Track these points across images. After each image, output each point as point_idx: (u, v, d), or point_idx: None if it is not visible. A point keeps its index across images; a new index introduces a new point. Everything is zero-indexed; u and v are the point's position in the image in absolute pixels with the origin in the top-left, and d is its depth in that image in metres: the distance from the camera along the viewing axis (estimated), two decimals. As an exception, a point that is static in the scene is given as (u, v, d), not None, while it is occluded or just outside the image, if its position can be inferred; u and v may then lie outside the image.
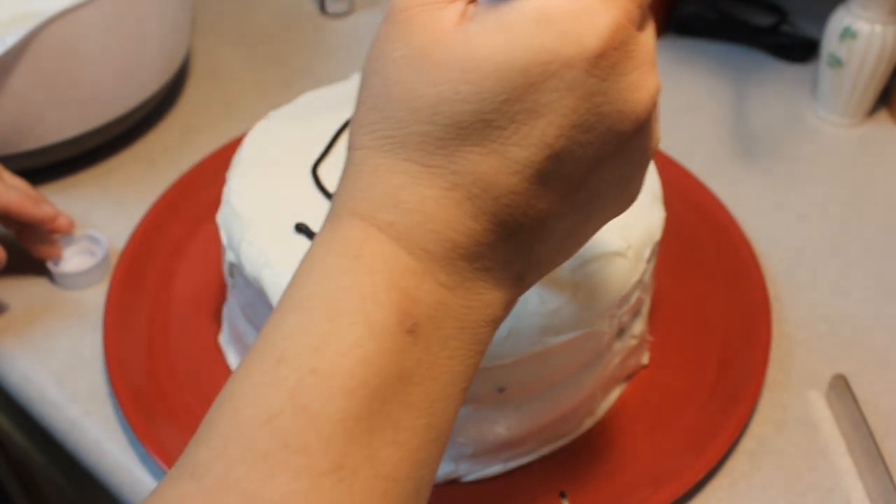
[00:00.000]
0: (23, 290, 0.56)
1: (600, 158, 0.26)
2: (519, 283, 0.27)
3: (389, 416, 0.23)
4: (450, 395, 0.25)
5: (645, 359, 0.50)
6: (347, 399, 0.23)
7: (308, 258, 0.26)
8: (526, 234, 0.26)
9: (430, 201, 0.25)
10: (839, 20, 0.65)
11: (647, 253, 0.44)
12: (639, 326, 0.48)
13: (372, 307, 0.24)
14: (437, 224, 0.25)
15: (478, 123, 0.24)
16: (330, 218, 0.26)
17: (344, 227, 0.25)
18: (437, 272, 0.25)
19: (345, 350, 0.23)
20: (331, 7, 0.82)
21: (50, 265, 0.55)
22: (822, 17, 0.68)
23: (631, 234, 0.43)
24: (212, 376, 0.49)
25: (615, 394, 0.49)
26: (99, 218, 0.61)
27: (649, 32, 0.26)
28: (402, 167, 0.25)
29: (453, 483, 0.45)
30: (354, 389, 0.23)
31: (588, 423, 0.47)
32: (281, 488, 0.22)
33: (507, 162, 0.25)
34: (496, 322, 0.27)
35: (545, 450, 0.46)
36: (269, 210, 0.44)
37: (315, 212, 0.43)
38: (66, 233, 0.55)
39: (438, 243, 0.25)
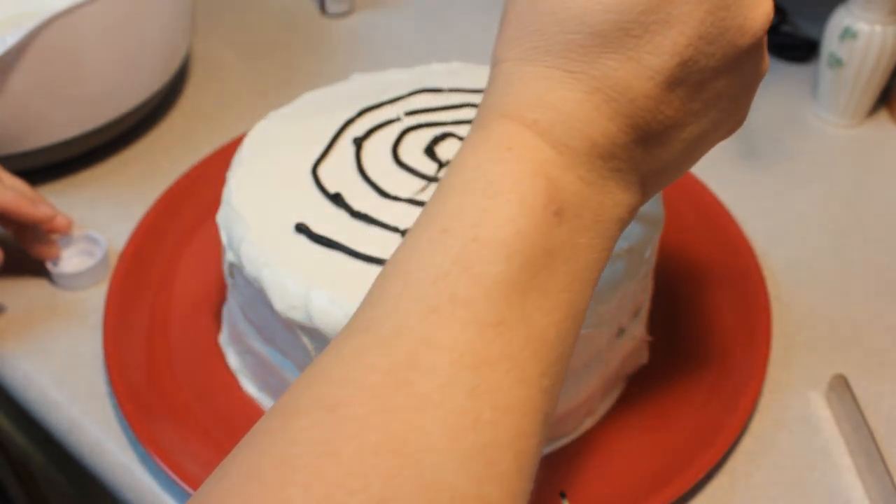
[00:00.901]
0: (23, 291, 0.56)
1: (719, 70, 0.29)
2: (642, 190, 0.30)
3: (539, 285, 0.26)
4: (585, 280, 0.28)
5: (645, 359, 0.50)
6: (505, 264, 0.25)
7: (460, 156, 0.29)
8: (653, 139, 0.29)
9: (573, 103, 0.28)
10: (839, 20, 0.65)
11: (647, 253, 0.44)
12: (639, 326, 0.48)
13: (523, 189, 0.27)
14: (578, 123, 0.28)
15: (617, 32, 0.27)
16: (477, 124, 0.29)
17: (494, 127, 0.28)
18: (577, 167, 0.28)
19: (501, 223, 0.26)
20: (331, 7, 0.82)
21: (49, 265, 0.55)
22: (822, 17, 0.68)
23: (631, 234, 0.43)
24: (212, 376, 0.50)
25: (615, 394, 0.49)
26: (99, 218, 0.61)
27: None
28: (547, 73, 0.28)
29: (453, 483, 0.45)
30: (511, 256, 0.26)
31: (588, 423, 0.47)
32: (451, 335, 0.25)
33: (641, 68, 0.28)
34: (622, 223, 0.30)
35: (545, 450, 0.46)
36: (269, 210, 0.44)
37: (315, 212, 0.43)
38: (65, 233, 0.55)
39: (579, 140, 0.28)
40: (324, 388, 0.25)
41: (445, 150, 0.47)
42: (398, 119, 0.49)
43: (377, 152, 0.47)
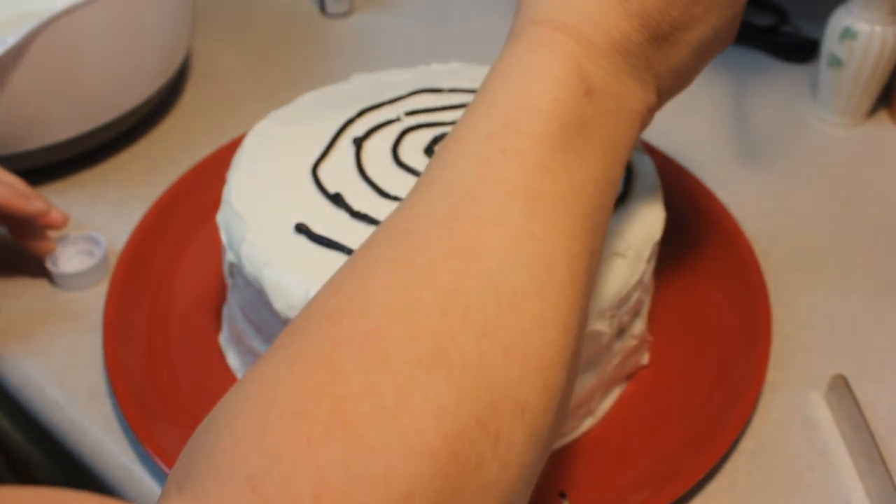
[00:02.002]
0: (23, 291, 0.56)
1: None
2: (657, 91, 0.35)
3: (576, 146, 0.30)
4: (614, 153, 0.32)
5: (645, 359, 0.50)
6: (547, 124, 0.30)
7: (498, 61, 0.33)
8: (662, 39, 0.33)
9: (593, 5, 0.32)
10: (839, 20, 0.65)
11: (647, 253, 0.44)
12: (639, 326, 0.48)
13: (558, 71, 0.31)
14: (599, 22, 0.32)
15: None
16: (512, 33, 0.33)
17: (528, 32, 0.32)
18: (600, 59, 0.32)
19: (541, 94, 0.30)
20: (331, 7, 0.82)
21: (49, 265, 0.55)
22: (822, 17, 0.68)
23: (631, 234, 0.43)
24: (212, 376, 0.50)
25: (615, 394, 0.49)
26: (99, 218, 0.61)
27: None
28: None
29: (453, 483, 0.45)
30: (551, 119, 0.30)
31: (588, 423, 0.47)
32: (503, 176, 0.29)
33: None
34: (642, 118, 0.34)
35: (545, 450, 0.46)
36: (269, 210, 0.44)
37: (315, 212, 0.43)
38: (61, 228, 0.55)
39: (601, 37, 0.32)
40: (396, 223, 0.29)
41: (445, 150, 0.47)
42: (398, 119, 0.49)
43: (377, 152, 0.47)
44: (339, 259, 0.41)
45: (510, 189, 0.28)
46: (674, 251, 0.54)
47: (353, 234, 0.42)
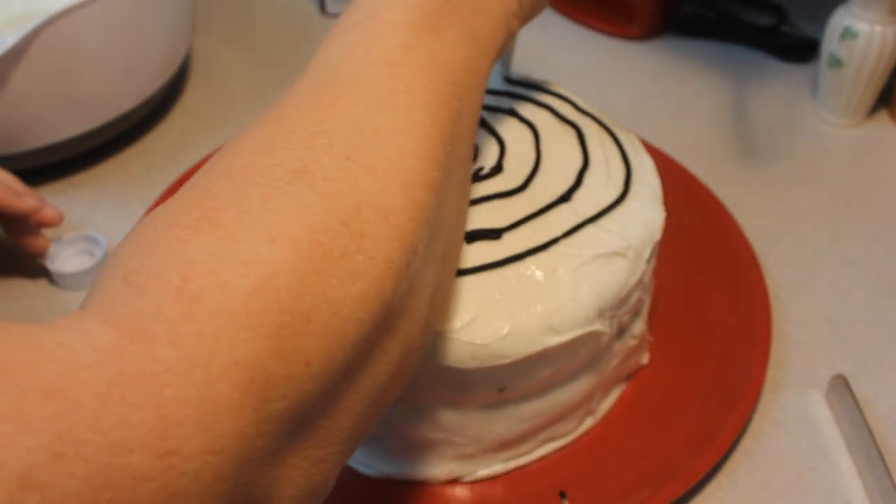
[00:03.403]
0: (22, 292, 0.56)
1: None
2: None
3: (438, 30, 0.33)
4: (478, 45, 0.35)
5: (645, 359, 0.50)
6: (408, 11, 0.33)
7: None
8: None
9: None
10: (839, 20, 0.65)
11: (647, 253, 0.44)
12: (639, 326, 0.48)
13: None
14: None
15: None
16: None
17: None
18: None
19: None
20: (331, 7, 0.82)
21: (48, 265, 0.55)
22: (822, 17, 0.68)
23: (631, 234, 0.43)
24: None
25: (615, 394, 0.49)
26: (99, 218, 0.61)
27: None
28: None
29: (453, 483, 0.45)
30: (411, 7, 0.33)
31: (588, 423, 0.47)
32: (366, 52, 0.32)
33: None
34: (505, 20, 0.37)
35: (545, 450, 0.46)
36: (269, 210, 0.44)
37: (315, 212, 0.43)
38: (54, 225, 0.55)
39: None
40: (276, 104, 0.31)
41: (445, 150, 0.47)
42: (398, 119, 0.49)
43: (377, 152, 0.47)
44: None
45: (372, 61, 0.31)
46: (674, 251, 0.54)
47: (353, 234, 0.42)
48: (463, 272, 0.40)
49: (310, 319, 0.24)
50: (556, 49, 0.79)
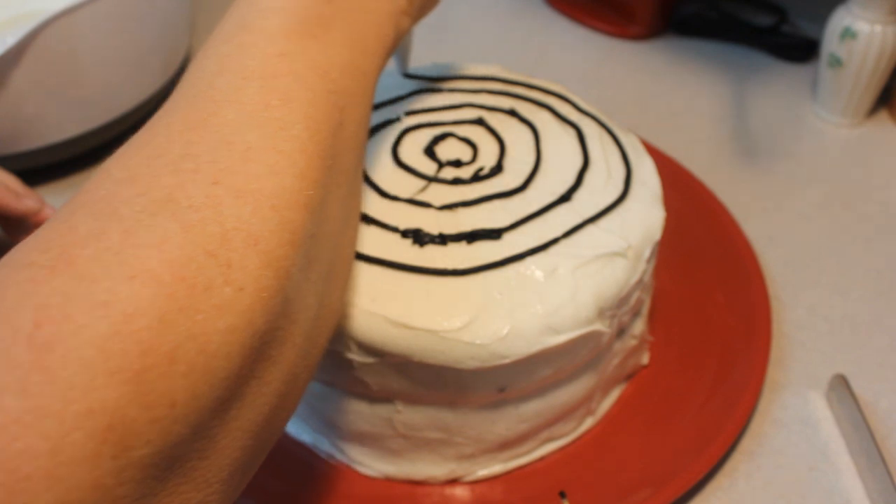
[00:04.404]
0: (23, 290, 0.56)
1: None
2: None
3: (315, 35, 0.32)
4: (363, 46, 0.35)
5: (645, 359, 0.50)
6: (283, 18, 0.32)
7: None
8: None
9: None
10: (839, 20, 0.65)
11: (647, 253, 0.44)
12: (639, 326, 0.48)
13: None
14: None
15: None
16: None
17: None
18: None
19: None
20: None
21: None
22: (822, 17, 0.68)
23: (631, 234, 0.43)
24: (212, 376, 0.49)
25: (615, 394, 0.49)
26: (99, 218, 0.61)
27: None
28: None
29: (453, 483, 0.45)
30: (287, 13, 0.32)
31: (588, 423, 0.47)
32: (241, 65, 0.31)
33: None
34: (393, 18, 0.37)
35: (545, 450, 0.46)
36: (269, 210, 0.44)
37: (315, 212, 0.43)
38: None
39: None
40: (149, 121, 0.30)
41: (445, 150, 0.47)
42: (398, 119, 0.49)
43: (377, 152, 0.47)
44: (339, 259, 0.41)
45: (246, 74, 0.30)
46: (674, 251, 0.54)
47: (353, 234, 0.42)
48: (463, 272, 0.40)
49: (173, 359, 0.23)
50: (556, 49, 0.79)
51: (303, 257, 0.28)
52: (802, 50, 0.75)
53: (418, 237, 0.42)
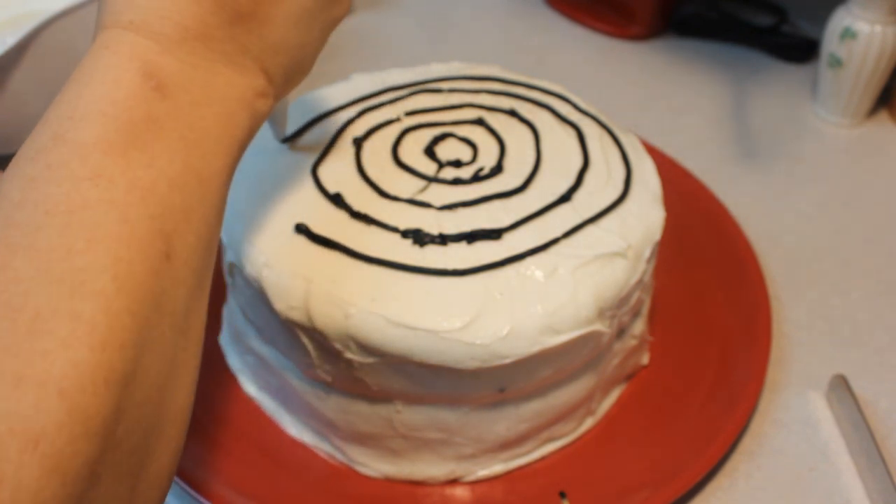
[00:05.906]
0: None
1: None
2: (265, 74, 0.33)
3: (141, 146, 0.28)
4: (204, 146, 0.30)
5: (645, 359, 0.50)
6: (101, 128, 0.27)
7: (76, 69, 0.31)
8: (247, 17, 0.31)
9: None
10: (839, 20, 0.65)
11: (647, 253, 0.44)
12: (639, 326, 0.48)
13: (117, 72, 0.29)
14: (168, 13, 0.30)
15: None
16: (91, 44, 0.31)
17: (97, 37, 0.30)
18: (176, 51, 0.30)
19: (95, 100, 0.28)
20: (330, 7, 0.81)
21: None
22: (822, 17, 0.68)
23: (631, 234, 0.43)
24: (212, 376, 0.49)
25: (615, 394, 0.49)
26: (99, 218, 0.61)
27: None
28: None
29: (453, 483, 0.45)
30: (106, 121, 0.28)
31: (588, 423, 0.47)
32: (46, 194, 0.26)
33: None
34: (249, 105, 0.32)
35: (545, 450, 0.46)
36: (269, 210, 0.44)
37: (315, 212, 0.43)
38: None
39: (172, 28, 0.30)
40: None
41: (445, 150, 0.47)
42: (398, 119, 0.49)
43: (377, 152, 0.47)
44: (339, 259, 0.41)
45: (50, 207, 0.26)
46: (674, 251, 0.54)
47: (353, 234, 0.42)
48: (463, 272, 0.40)
49: None
50: (556, 49, 0.79)
51: (106, 443, 0.24)
52: (802, 50, 0.75)
53: (418, 237, 0.42)
